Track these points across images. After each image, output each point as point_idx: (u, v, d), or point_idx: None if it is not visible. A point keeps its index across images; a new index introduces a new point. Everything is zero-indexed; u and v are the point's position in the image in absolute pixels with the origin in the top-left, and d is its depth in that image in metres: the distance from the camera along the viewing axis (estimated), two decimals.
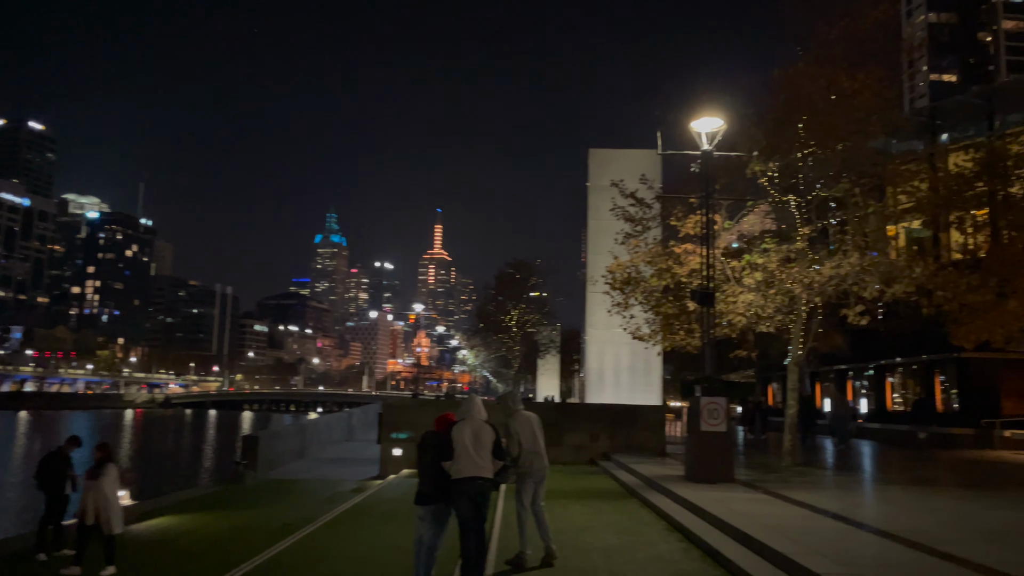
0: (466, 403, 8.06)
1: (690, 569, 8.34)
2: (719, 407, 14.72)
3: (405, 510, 12.37)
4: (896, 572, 7.14)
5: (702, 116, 15.97)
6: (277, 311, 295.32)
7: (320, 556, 9.74)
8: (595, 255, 25.51)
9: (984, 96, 31.61)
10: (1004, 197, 18.65)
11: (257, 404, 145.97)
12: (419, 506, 7.72)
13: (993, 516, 10.90)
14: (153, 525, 12.47)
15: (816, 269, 16.52)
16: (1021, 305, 17.50)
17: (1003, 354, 24.45)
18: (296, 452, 25.15)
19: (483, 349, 63.38)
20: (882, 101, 16.66)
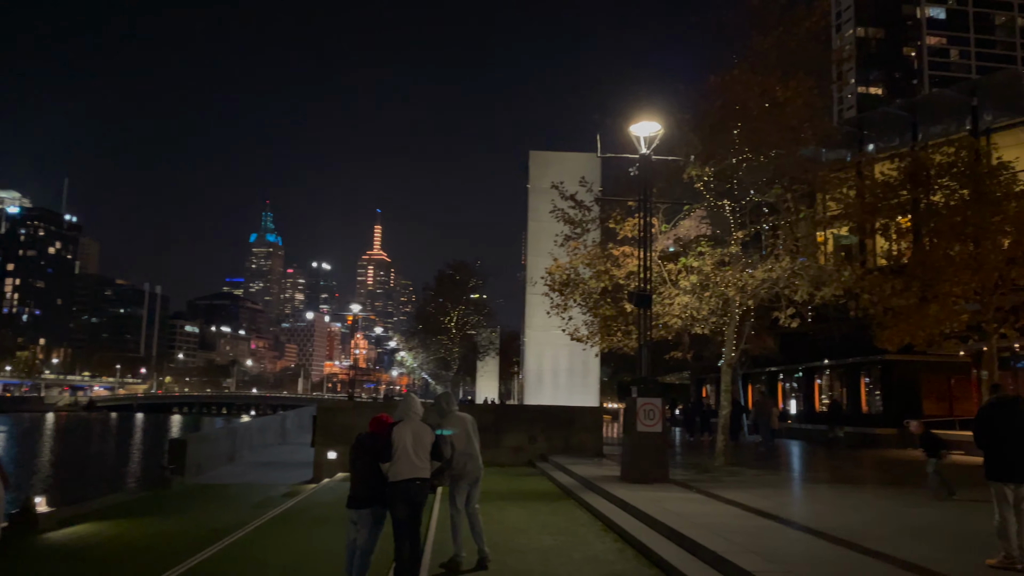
0: (404, 404, 7.91)
1: (625, 569, 8.36)
2: (655, 408, 14.88)
3: (338, 514, 12.08)
4: (824, 568, 7.28)
5: (640, 120, 16.14)
6: (209, 311, 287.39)
7: (249, 562, 9.43)
8: (535, 257, 25.59)
9: (908, 109, 32.94)
10: (926, 205, 19.42)
11: (187, 407, 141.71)
12: (351, 509, 7.53)
13: (915, 513, 11.27)
14: (71, 532, 11.88)
15: (749, 273, 16.89)
16: (942, 309, 18.24)
17: (924, 356, 25.47)
18: (226, 456, 24.42)
19: (422, 351, 62.95)
20: (813, 110, 17.16)
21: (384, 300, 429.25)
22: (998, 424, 7.70)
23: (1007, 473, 7.56)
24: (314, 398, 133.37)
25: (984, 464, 7.80)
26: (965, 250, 18.44)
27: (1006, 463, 7.58)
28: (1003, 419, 7.68)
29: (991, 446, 7.72)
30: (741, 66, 17.02)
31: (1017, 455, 7.54)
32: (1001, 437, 7.65)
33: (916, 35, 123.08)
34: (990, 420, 7.78)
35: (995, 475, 7.65)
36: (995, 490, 7.64)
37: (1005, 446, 7.62)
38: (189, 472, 19.70)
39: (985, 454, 7.81)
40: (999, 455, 7.64)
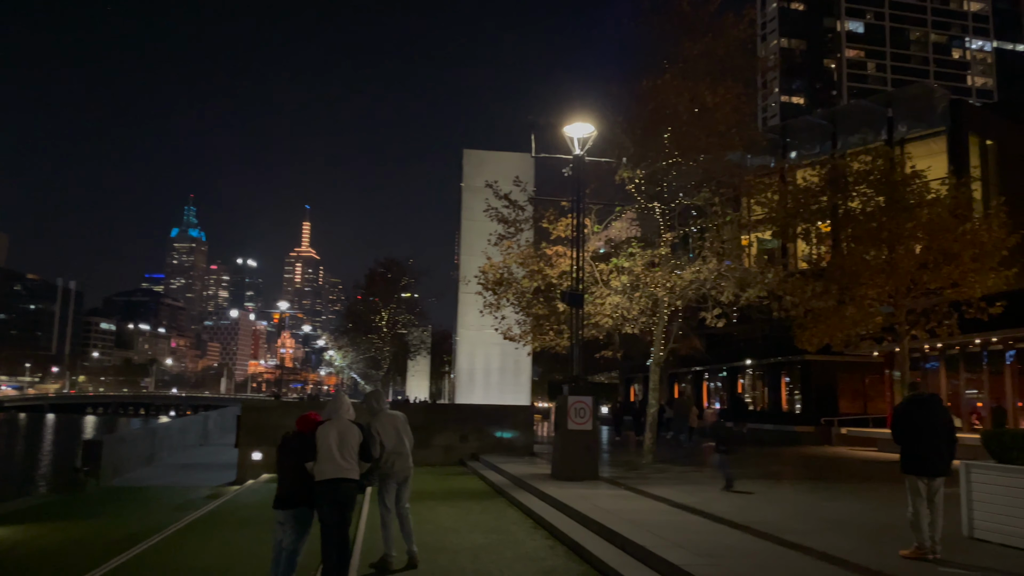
0: (333, 402, 7.76)
1: (555, 565, 8.41)
2: (586, 406, 15.04)
3: (264, 516, 11.80)
4: (748, 560, 7.48)
5: (574, 121, 16.29)
6: (127, 308, 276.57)
7: (169, 567, 9.10)
8: (468, 255, 25.52)
9: (828, 118, 34.23)
10: (845, 211, 20.17)
11: (102, 407, 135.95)
12: (278, 510, 7.35)
13: (832, 507, 11.70)
14: None
15: (678, 274, 17.25)
16: (858, 311, 18.99)
17: (841, 357, 26.52)
18: (145, 458, 23.56)
19: (351, 350, 62.03)
20: (740, 116, 17.62)
21: (312, 298, 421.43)
22: (915, 420, 8.04)
23: (921, 467, 7.92)
24: (238, 398, 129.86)
25: (900, 458, 8.15)
26: (880, 255, 19.24)
27: (920, 457, 7.93)
28: (919, 416, 8.03)
29: (907, 441, 8.07)
30: (672, 71, 17.34)
31: (930, 450, 7.90)
32: (917, 433, 8.00)
33: (836, 47, 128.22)
34: (908, 416, 8.12)
35: (910, 469, 8.00)
36: (909, 483, 7.99)
37: (920, 441, 7.97)
38: (104, 474, 18.93)
39: (902, 449, 8.16)
40: (914, 450, 7.99)
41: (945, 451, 7.94)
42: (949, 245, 18.16)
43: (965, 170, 27.16)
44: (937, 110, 29.91)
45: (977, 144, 30.04)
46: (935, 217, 18.50)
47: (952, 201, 19.06)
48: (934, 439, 7.93)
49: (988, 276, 18.01)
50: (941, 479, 7.92)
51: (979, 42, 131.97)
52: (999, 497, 8.37)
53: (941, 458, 7.90)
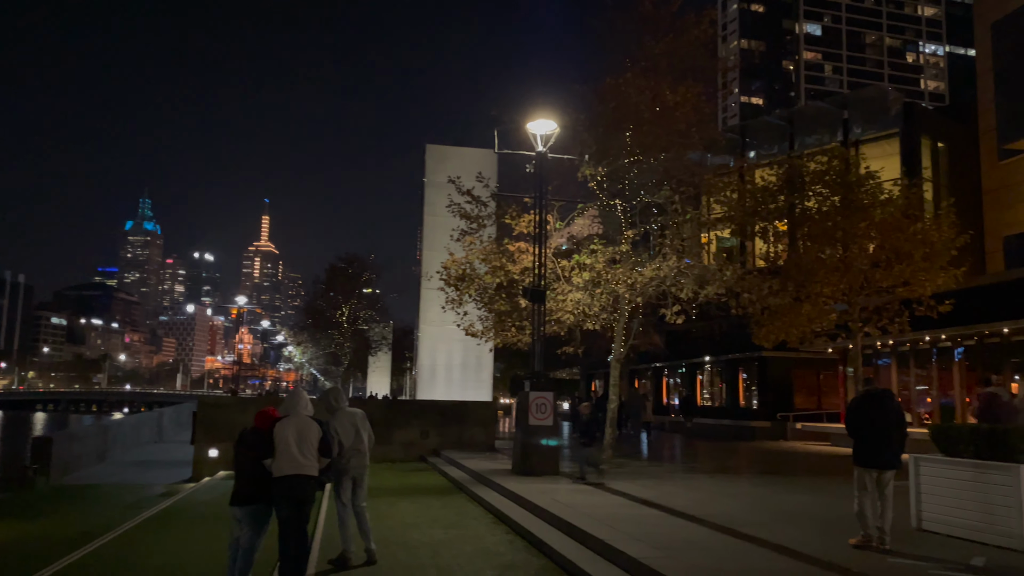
0: (291, 398, 7.68)
1: (515, 560, 8.45)
2: (547, 402, 15.10)
3: (220, 513, 11.64)
4: (705, 553, 7.60)
5: (538, 118, 16.32)
6: (79, 303, 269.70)
7: (122, 565, 8.93)
8: (430, 251, 25.46)
9: (786, 119, 34.81)
10: (801, 210, 20.54)
11: (53, 404, 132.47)
12: (235, 507, 7.26)
13: (787, 500, 11.94)
14: None
15: (639, 271, 17.41)
16: (813, 309, 19.37)
17: (796, 353, 27.00)
18: (97, 455, 23.07)
19: (311, 346, 61.35)
20: (700, 115, 17.82)
21: (271, 293, 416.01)
22: (867, 414, 8.29)
23: (872, 459, 8.17)
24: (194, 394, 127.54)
25: (852, 450, 8.37)
26: (835, 254, 19.64)
27: (871, 450, 8.17)
28: (872, 410, 8.28)
29: (860, 434, 8.30)
30: (634, 70, 17.46)
31: (881, 443, 8.14)
32: (869, 426, 8.24)
33: (794, 49, 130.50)
34: (861, 410, 8.37)
35: (861, 461, 8.24)
36: (858, 475, 8.23)
37: (872, 435, 8.21)
38: (55, 472, 18.51)
39: (854, 442, 8.40)
40: (866, 443, 8.23)
41: (896, 444, 8.17)
42: (901, 244, 18.60)
43: (917, 171, 27.90)
44: (891, 113, 30.60)
45: (929, 146, 30.82)
46: (888, 217, 18.93)
47: (904, 202, 19.53)
48: (885, 433, 8.16)
49: (938, 275, 18.50)
50: (891, 472, 8.15)
51: (932, 46, 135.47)
52: (946, 490, 8.63)
53: (891, 451, 8.13)
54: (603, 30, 18.47)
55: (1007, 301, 20.72)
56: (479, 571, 7.85)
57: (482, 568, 7.99)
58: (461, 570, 7.89)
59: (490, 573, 7.77)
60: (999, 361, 21.86)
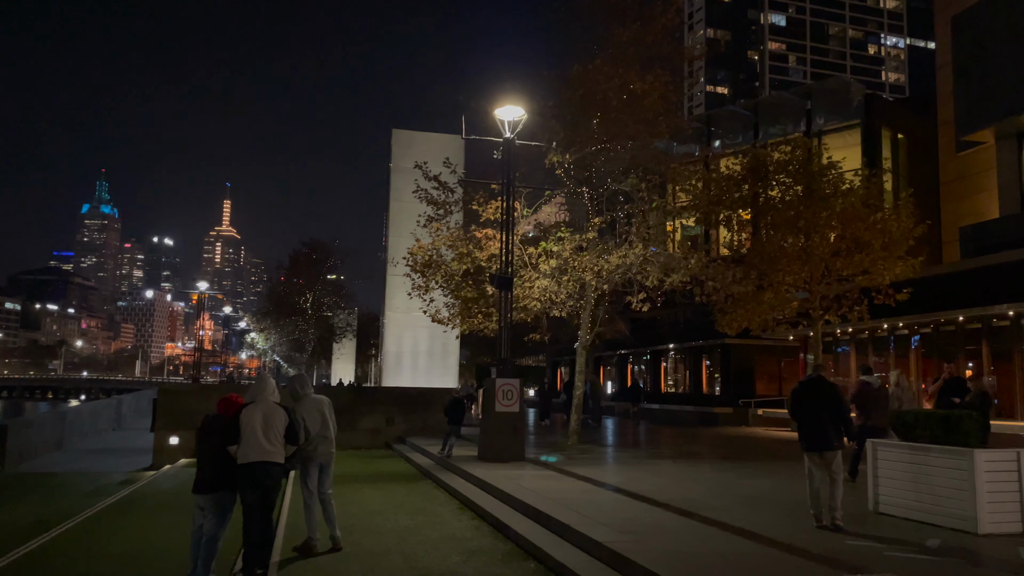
0: (257, 385, 7.60)
1: (481, 545, 8.48)
2: (513, 388, 15.14)
3: (181, 502, 11.49)
4: (669, 536, 7.70)
5: (505, 104, 16.26)
6: (33, 287, 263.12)
7: (81, 554, 8.77)
8: (397, 237, 25.32)
9: (751, 109, 35.13)
10: (765, 200, 20.78)
11: (7, 391, 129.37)
12: (199, 495, 7.17)
13: (749, 484, 12.14)
14: None
15: (605, 258, 17.49)
16: (775, 297, 19.65)
17: (759, 341, 27.40)
18: (54, 443, 22.60)
19: (274, 332, 60.66)
20: (667, 104, 17.91)
21: (233, 279, 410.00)
22: (801, 401, 8.66)
23: (809, 443, 8.52)
24: (154, 381, 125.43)
25: (798, 436, 8.77)
26: (797, 242, 19.91)
27: (808, 434, 8.54)
28: (806, 396, 8.63)
29: (798, 420, 8.76)
30: (602, 57, 17.47)
31: (815, 427, 8.47)
32: (803, 412, 8.62)
33: (759, 40, 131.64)
34: (797, 397, 8.75)
35: (802, 445, 8.63)
36: (806, 458, 8.57)
37: (806, 419, 8.58)
38: (10, 460, 18.12)
39: (797, 426, 8.84)
40: (803, 427, 8.64)
41: (830, 428, 8.43)
42: (861, 234, 18.92)
43: (877, 162, 28.36)
44: (853, 104, 31.04)
45: (889, 137, 31.35)
46: (848, 207, 19.24)
47: (864, 192, 19.86)
48: (819, 417, 8.45)
49: (896, 264, 18.87)
50: (831, 453, 8.41)
51: (893, 39, 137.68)
52: (903, 474, 8.85)
53: (826, 434, 8.41)
54: (571, 16, 18.43)
55: (963, 290, 21.25)
56: (445, 556, 7.87)
57: (448, 553, 8.00)
58: (427, 556, 7.89)
59: (456, 558, 7.79)
60: (954, 348, 22.43)
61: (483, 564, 7.58)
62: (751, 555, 6.97)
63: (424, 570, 7.29)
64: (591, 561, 7.16)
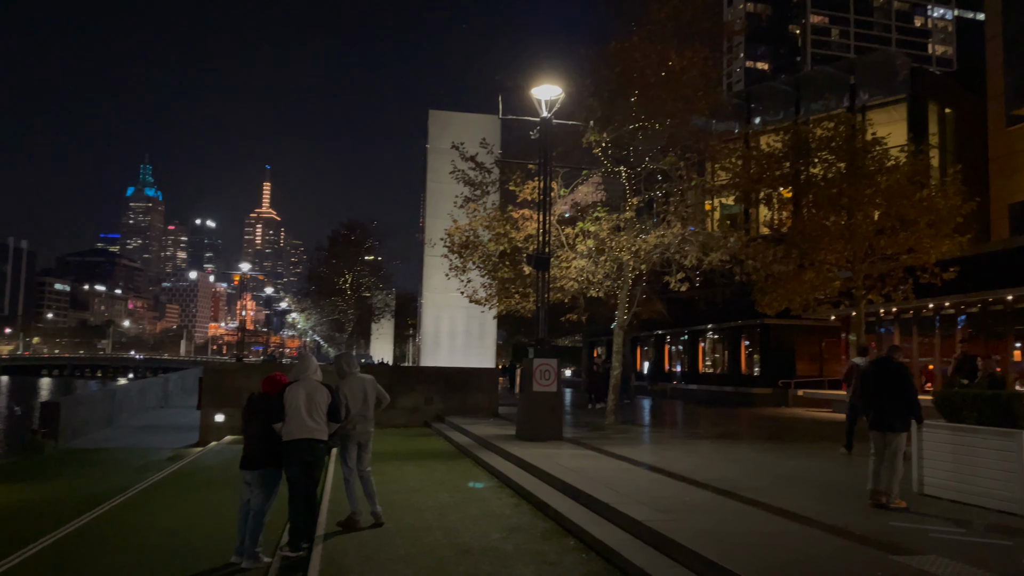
0: (300, 364, 7.75)
1: (520, 522, 8.56)
2: (551, 368, 15.18)
3: (227, 478, 11.81)
4: (708, 516, 7.69)
5: (542, 83, 16.17)
6: (82, 269, 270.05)
7: (133, 527, 9.07)
8: (434, 218, 25.42)
9: (792, 84, 34.46)
10: (806, 177, 20.42)
11: (58, 370, 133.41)
12: (245, 471, 7.37)
13: (790, 465, 12.06)
14: None
15: (643, 238, 17.37)
16: (817, 276, 19.36)
17: (799, 321, 27.03)
18: (104, 420, 23.28)
19: (314, 312, 61.53)
20: (706, 80, 17.64)
21: (273, 260, 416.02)
22: (866, 380, 8.74)
23: (873, 423, 8.59)
24: (199, 360, 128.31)
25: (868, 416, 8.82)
26: (839, 221, 19.55)
27: (873, 415, 8.60)
28: (875, 377, 8.69)
29: (865, 400, 8.81)
30: (640, 34, 17.24)
31: (878, 408, 8.54)
32: (871, 393, 8.66)
33: (801, 13, 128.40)
34: (867, 377, 8.83)
35: (869, 425, 8.68)
36: (871, 437, 8.60)
37: (874, 400, 8.61)
38: (63, 436, 18.71)
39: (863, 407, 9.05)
40: (869, 408, 8.70)
41: (895, 409, 8.43)
42: (906, 211, 18.51)
43: (923, 138, 27.64)
44: (898, 78, 30.25)
45: (936, 112, 30.51)
46: (893, 184, 18.82)
47: (910, 168, 19.40)
48: (885, 398, 8.50)
49: (943, 242, 18.44)
50: (893, 434, 8.40)
51: (940, 10, 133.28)
52: (949, 455, 8.71)
53: (890, 415, 8.44)
54: None
55: (1012, 268, 20.68)
56: (485, 533, 7.97)
57: (488, 530, 8.11)
58: (467, 532, 8.00)
59: (496, 535, 7.88)
60: (1003, 328, 21.89)
61: (523, 541, 7.66)
62: (793, 535, 6.94)
63: (465, 546, 7.40)
64: (631, 539, 7.20)
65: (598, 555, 7.07)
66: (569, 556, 7.11)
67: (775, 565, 5.87)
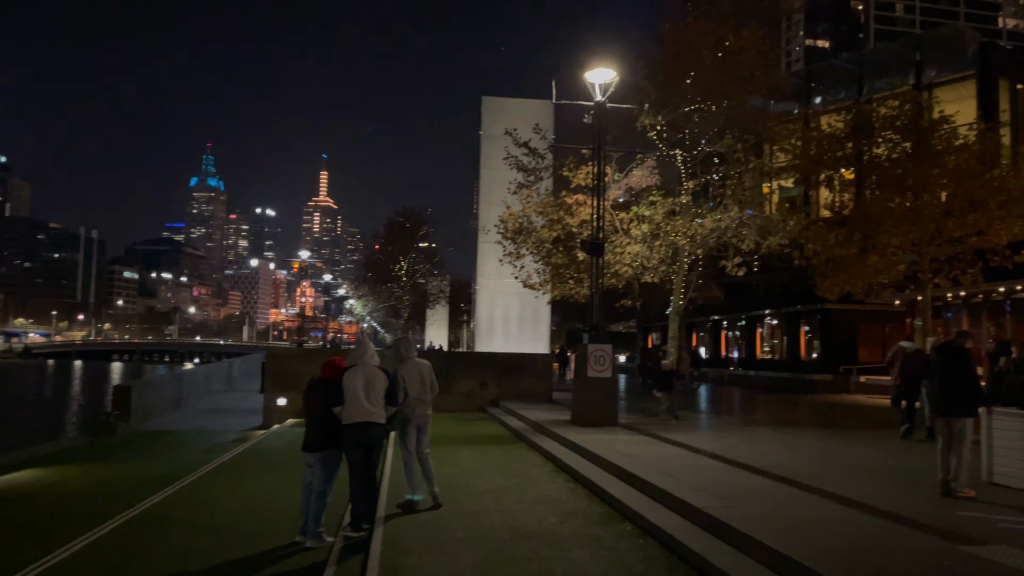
0: (358, 349, 7.91)
1: (576, 507, 8.60)
2: (605, 354, 15.15)
3: (290, 460, 12.13)
4: (767, 503, 7.60)
5: (596, 67, 16.02)
6: (149, 257, 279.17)
7: (201, 506, 9.42)
8: (487, 205, 25.47)
9: (854, 62, 33.35)
10: (869, 158, 19.83)
11: (128, 355, 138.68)
12: (307, 453, 7.57)
13: (851, 453, 11.81)
14: (15, 479, 11.68)
15: (699, 222, 17.16)
16: (881, 259, 18.83)
17: (861, 305, 26.35)
18: (172, 403, 24.13)
19: (371, 299, 62.48)
20: (764, 60, 17.29)
21: (331, 247, 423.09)
22: (937, 366, 8.50)
23: (938, 408, 8.42)
24: (261, 346, 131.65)
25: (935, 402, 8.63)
26: (904, 202, 18.96)
27: (938, 400, 8.44)
28: (942, 361, 8.48)
29: (932, 385, 8.69)
30: (695, 14, 17.00)
31: (943, 393, 8.38)
32: (938, 378, 8.45)
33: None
34: (934, 362, 8.68)
35: (934, 411, 8.53)
36: (938, 425, 8.42)
37: (939, 385, 8.42)
38: (134, 419, 19.45)
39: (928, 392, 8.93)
40: (934, 393, 8.56)
41: (959, 395, 8.25)
42: (976, 192, 17.85)
43: (994, 115, 26.47)
44: (967, 53, 29.01)
45: (1007, 88, 29.17)
46: (962, 164, 18.15)
47: (980, 147, 18.68)
48: (950, 383, 8.32)
49: (1015, 223, 17.73)
50: (957, 420, 8.20)
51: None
52: (1018, 443, 8.43)
53: (953, 401, 8.26)
54: None
55: None
56: (542, 517, 8.03)
57: (545, 514, 8.17)
58: (524, 515, 8.08)
59: (553, 519, 7.94)
60: None
61: (579, 525, 7.70)
62: (855, 524, 6.82)
63: (522, 529, 7.47)
64: (688, 526, 7.17)
65: (656, 541, 7.06)
66: (626, 541, 7.12)
67: (837, 553, 5.77)
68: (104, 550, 7.47)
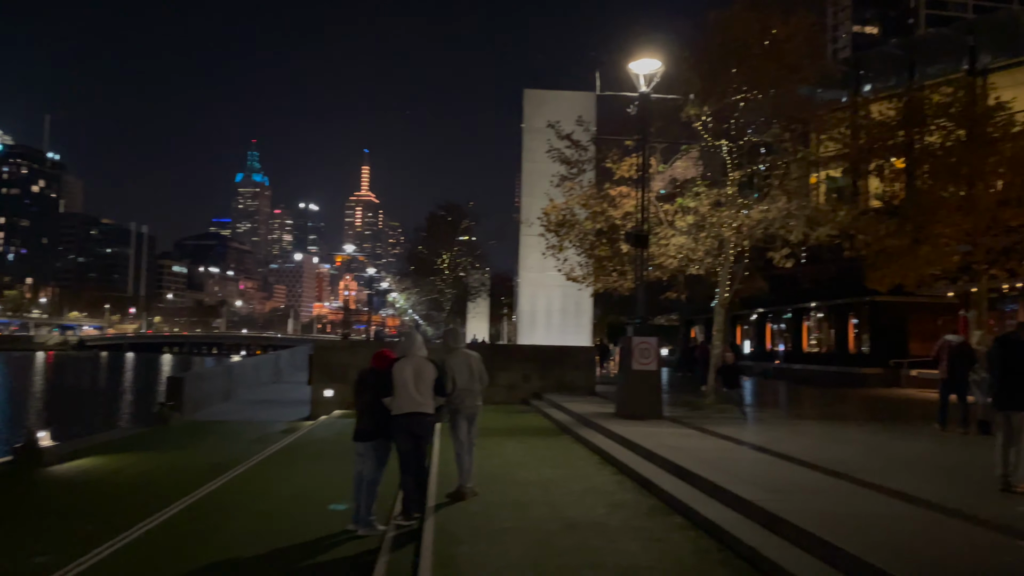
0: (407, 340, 8.01)
1: (624, 499, 8.60)
2: (650, 347, 15.08)
3: (337, 450, 12.35)
4: (821, 497, 7.52)
5: (640, 57, 15.89)
6: (197, 252, 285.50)
7: (254, 494, 9.65)
8: (529, 197, 25.49)
9: (905, 48, 32.53)
10: (921, 146, 19.34)
11: (177, 347, 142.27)
12: (358, 443, 7.71)
13: (904, 447, 11.59)
14: (76, 466, 12.09)
15: (745, 213, 16.91)
16: (933, 250, 18.37)
17: (912, 298, 25.75)
18: (222, 394, 24.66)
19: (414, 292, 63.00)
20: (813, 47, 16.94)
21: (373, 242, 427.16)
22: (1000, 359, 8.26)
23: (998, 402, 8.22)
24: (306, 338, 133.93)
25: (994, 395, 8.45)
26: (958, 191, 18.46)
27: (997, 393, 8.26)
28: (1006, 355, 8.27)
29: (995, 378, 8.39)
30: (741, 2, 16.70)
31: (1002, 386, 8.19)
32: (1003, 371, 8.22)
33: None
34: (996, 353, 8.40)
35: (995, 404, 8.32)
36: (998, 419, 8.24)
37: (1004, 379, 8.18)
38: (186, 409, 19.92)
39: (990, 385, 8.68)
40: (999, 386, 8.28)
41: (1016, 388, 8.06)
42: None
43: None
44: (1023, 37, 28.08)
45: None
46: (1019, 151, 17.61)
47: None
48: (1009, 376, 8.13)
49: None
50: (1020, 414, 8.00)
51: None
52: None
53: (1012, 394, 8.07)
54: None
55: None
56: (590, 508, 8.05)
57: (593, 505, 8.18)
58: (572, 507, 8.10)
59: (601, 510, 7.95)
60: None
61: (628, 517, 7.70)
62: (910, 518, 6.71)
63: (570, 520, 7.50)
64: (740, 519, 7.11)
65: (706, 533, 7.03)
66: (676, 533, 7.10)
67: (893, 547, 5.69)
68: (167, 534, 7.73)
